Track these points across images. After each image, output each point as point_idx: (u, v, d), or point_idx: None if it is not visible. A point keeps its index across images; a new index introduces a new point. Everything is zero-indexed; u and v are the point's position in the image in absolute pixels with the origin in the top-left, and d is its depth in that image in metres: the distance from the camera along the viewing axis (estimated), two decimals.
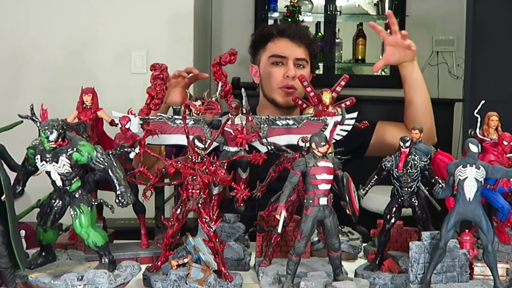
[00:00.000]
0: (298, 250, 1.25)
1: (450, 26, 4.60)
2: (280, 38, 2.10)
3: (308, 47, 2.10)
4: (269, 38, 2.12)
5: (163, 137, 1.55)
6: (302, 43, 2.09)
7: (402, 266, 1.37)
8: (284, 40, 2.09)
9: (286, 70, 2.05)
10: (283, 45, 2.09)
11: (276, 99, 2.08)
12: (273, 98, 2.08)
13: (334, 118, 1.53)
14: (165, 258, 1.32)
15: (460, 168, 1.21)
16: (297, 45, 2.08)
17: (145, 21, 3.28)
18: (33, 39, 3.23)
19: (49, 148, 1.21)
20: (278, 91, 2.07)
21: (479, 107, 1.50)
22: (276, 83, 2.06)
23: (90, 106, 1.52)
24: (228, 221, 1.52)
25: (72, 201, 1.26)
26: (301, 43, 2.08)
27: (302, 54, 2.08)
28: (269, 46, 2.11)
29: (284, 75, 2.05)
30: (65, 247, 1.50)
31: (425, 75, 4.73)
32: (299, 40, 2.08)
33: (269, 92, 2.10)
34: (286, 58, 2.06)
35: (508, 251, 1.39)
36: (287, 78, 2.04)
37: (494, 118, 1.50)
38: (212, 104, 1.43)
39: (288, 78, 2.04)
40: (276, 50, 2.09)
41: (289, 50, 2.07)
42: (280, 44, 2.09)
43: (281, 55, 2.07)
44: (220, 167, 1.30)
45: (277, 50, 2.09)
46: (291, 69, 2.04)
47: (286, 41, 2.09)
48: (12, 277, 1.18)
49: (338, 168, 1.30)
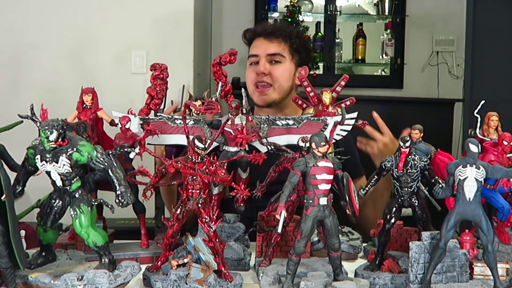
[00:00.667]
0: (298, 250, 1.25)
1: (450, 26, 4.60)
2: (256, 39, 2.15)
3: (284, 41, 2.12)
4: (250, 43, 2.18)
5: (163, 137, 1.55)
6: (276, 38, 2.11)
7: (402, 266, 1.37)
8: (259, 39, 2.14)
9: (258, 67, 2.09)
10: (257, 44, 2.14)
11: (254, 100, 2.12)
12: (252, 99, 2.12)
13: (334, 118, 1.53)
14: (165, 258, 1.32)
15: (460, 168, 1.21)
16: (269, 41, 2.11)
17: (145, 21, 3.28)
18: (33, 39, 3.23)
19: (49, 148, 1.21)
20: (254, 92, 2.11)
21: (479, 107, 1.50)
22: (251, 82, 2.11)
23: (90, 106, 1.52)
24: (228, 221, 1.52)
25: (72, 201, 1.26)
26: (274, 38, 2.11)
27: (275, 49, 2.10)
28: (250, 49, 2.17)
29: (256, 72, 2.08)
30: (65, 247, 1.50)
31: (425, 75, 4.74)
32: (272, 36, 2.11)
33: (250, 94, 2.13)
34: (258, 56, 2.10)
35: (508, 251, 1.39)
36: (258, 75, 2.08)
37: (494, 118, 1.50)
38: (212, 104, 1.43)
39: (259, 75, 2.07)
40: (250, 51, 2.15)
41: (260, 48, 2.11)
42: (255, 45, 2.15)
43: (254, 54, 2.12)
44: (220, 167, 1.30)
45: (251, 50, 2.15)
46: (260, 65, 2.08)
47: (260, 40, 2.13)
48: (12, 277, 1.18)
49: (338, 168, 1.30)
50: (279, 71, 2.09)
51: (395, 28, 4.52)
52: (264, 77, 2.07)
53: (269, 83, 2.08)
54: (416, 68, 4.57)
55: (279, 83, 2.08)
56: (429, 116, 3.83)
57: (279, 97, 2.10)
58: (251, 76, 2.11)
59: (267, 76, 2.07)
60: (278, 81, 2.08)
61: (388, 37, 4.50)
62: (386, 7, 4.54)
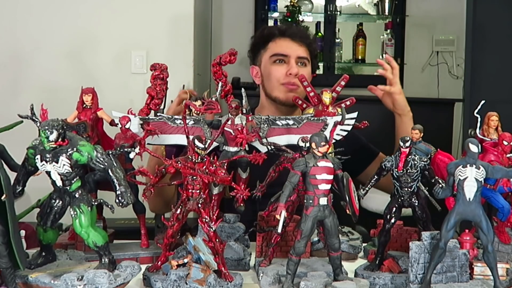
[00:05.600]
0: (298, 250, 1.25)
1: (450, 26, 4.60)
2: (282, 37, 2.12)
3: (308, 47, 2.13)
4: (270, 38, 2.14)
5: (163, 137, 1.55)
6: (303, 43, 2.11)
7: (402, 266, 1.37)
8: (285, 39, 2.11)
9: (289, 67, 2.06)
10: (285, 44, 2.11)
11: (277, 96, 2.09)
12: (274, 96, 2.09)
13: (334, 118, 1.53)
14: (165, 258, 1.32)
15: (460, 168, 1.21)
16: (298, 45, 2.10)
17: (145, 21, 3.28)
18: (33, 39, 3.23)
19: (49, 148, 1.21)
20: (280, 87, 2.08)
21: (479, 107, 1.50)
22: (278, 80, 2.08)
23: (90, 106, 1.52)
24: (228, 221, 1.52)
25: (72, 201, 1.26)
26: (302, 43, 2.11)
27: (304, 53, 2.10)
28: (270, 46, 2.13)
29: (287, 73, 2.06)
30: (65, 247, 1.50)
31: (425, 75, 4.74)
32: (300, 40, 2.11)
33: (271, 90, 2.10)
34: (288, 56, 2.08)
35: (508, 251, 1.39)
36: (289, 75, 2.05)
37: (494, 118, 1.50)
38: (212, 104, 1.43)
39: (290, 76, 2.05)
40: (278, 49, 2.11)
41: (291, 49, 2.09)
42: (282, 44, 2.11)
43: (283, 54, 2.09)
44: (220, 167, 1.30)
45: (278, 49, 2.11)
46: (294, 67, 2.06)
47: (288, 40, 2.11)
48: (12, 277, 1.18)
49: (338, 168, 1.30)
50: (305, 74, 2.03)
51: (395, 28, 4.52)
52: (294, 79, 2.04)
53: (297, 85, 2.03)
54: (416, 68, 4.57)
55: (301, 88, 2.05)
56: (429, 116, 3.82)
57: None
58: (279, 74, 2.07)
59: (296, 78, 2.02)
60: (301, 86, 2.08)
61: (388, 37, 4.50)
62: (386, 7, 4.54)
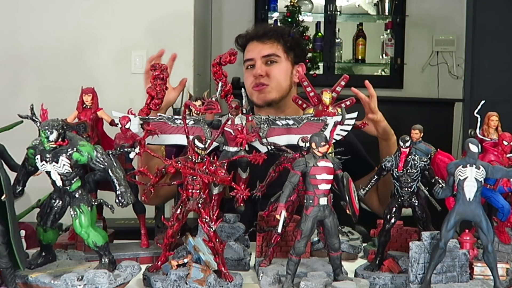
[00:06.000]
0: (298, 250, 1.25)
1: (450, 26, 4.60)
2: (250, 42, 2.16)
3: (277, 41, 2.13)
4: (243, 48, 2.19)
5: (163, 137, 1.55)
6: (269, 39, 2.12)
7: (402, 266, 1.37)
8: (252, 43, 2.15)
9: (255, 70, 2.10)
10: (251, 48, 2.15)
11: (254, 101, 2.13)
12: (252, 100, 2.13)
13: (334, 118, 1.53)
14: (165, 258, 1.32)
15: (460, 168, 1.21)
16: (262, 43, 2.12)
17: (145, 21, 3.28)
18: (33, 39, 3.23)
19: (49, 148, 1.21)
20: (253, 92, 2.12)
21: (479, 107, 1.50)
22: (250, 86, 2.12)
23: (90, 106, 1.52)
24: (228, 221, 1.52)
25: (72, 201, 1.26)
26: (267, 40, 2.12)
27: (269, 50, 2.11)
28: (244, 54, 2.18)
29: (253, 75, 2.10)
30: (65, 247, 1.50)
31: (425, 75, 4.73)
32: (264, 37, 2.12)
33: (250, 96, 2.13)
34: (253, 59, 2.12)
35: (508, 251, 1.39)
36: (255, 78, 2.09)
37: (494, 118, 1.50)
38: (212, 104, 1.43)
39: (256, 78, 2.08)
40: (245, 55, 2.16)
41: (254, 51, 2.12)
42: (249, 48, 2.16)
43: (249, 58, 2.13)
44: (220, 167, 1.30)
45: (246, 55, 2.16)
46: (257, 68, 2.09)
47: (254, 43, 2.15)
48: (12, 277, 1.18)
49: (338, 168, 1.30)
50: (275, 71, 2.10)
51: (395, 28, 4.52)
52: (262, 79, 2.08)
53: (267, 84, 2.09)
54: (416, 68, 4.57)
55: (277, 82, 2.09)
56: (429, 116, 3.83)
57: (278, 96, 2.10)
58: (249, 80, 2.13)
59: (264, 78, 2.09)
60: (276, 80, 2.09)
61: (388, 37, 4.50)
62: (386, 7, 4.54)
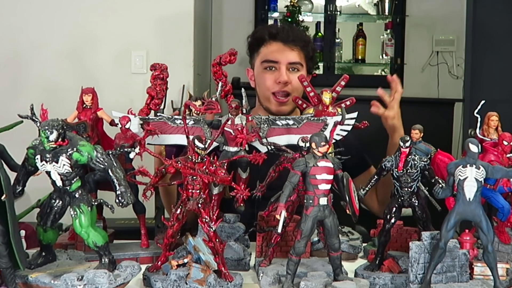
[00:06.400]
0: (298, 250, 1.25)
1: (450, 26, 4.60)
2: (273, 42, 2.05)
3: (302, 50, 2.05)
4: (262, 42, 2.07)
5: (163, 137, 1.55)
6: (296, 46, 2.03)
7: (402, 266, 1.37)
8: (277, 44, 2.04)
9: (279, 75, 2.00)
10: (275, 49, 2.03)
11: (269, 107, 2.04)
12: (266, 106, 2.05)
13: (334, 118, 1.53)
14: (165, 258, 1.32)
15: (460, 168, 1.21)
16: (290, 49, 2.03)
17: (145, 21, 3.28)
18: (33, 39, 3.23)
19: (49, 148, 1.21)
20: (271, 98, 2.02)
21: (479, 107, 1.50)
22: (268, 89, 2.02)
23: (90, 106, 1.52)
24: (228, 221, 1.52)
25: (72, 201, 1.26)
26: (294, 46, 2.03)
27: (296, 58, 2.03)
28: (262, 51, 2.07)
29: (276, 81, 2.00)
30: (65, 247, 1.50)
31: (425, 75, 4.73)
32: (292, 43, 2.03)
33: (263, 100, 2.06)
34: (279, 63, 2.01)
35: (508, 251, 1.39)
36: (279, 83, 2.00)
37: (494, 118, 1.50)
38: (212, 104, 1.43)
39: (280, 84, 1.99)
40: (268, 55, 2.04)
41: (281, 55, 2.01)
42: (273, 49, 2.04)
43: (273, 60, 2.02)
44: (220, 167, 1.30)
45: (269, 55, 2.04)
46: (283, 75, 1.99)
47: (279, 44, 2.04)
48: (12, 277, 1.18)
49: (338, 168, 1.30)
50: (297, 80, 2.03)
51: (395, 28, 4.51)
52: (285, 87, 1.99)
53: (289, 92, 1.99)
54: (416, 68, 4.57)
55: (297, 93, 1.99)
56: (429, 116, 3.83)
57: (292, 108, 2.03)
58: (269, 83, 2.01)
59: (287, 85, 1.99)
60: (296, 89, 2.00)
61: (388, 37, 4.50)
62: (386, 7, 4.54)
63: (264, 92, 2.04)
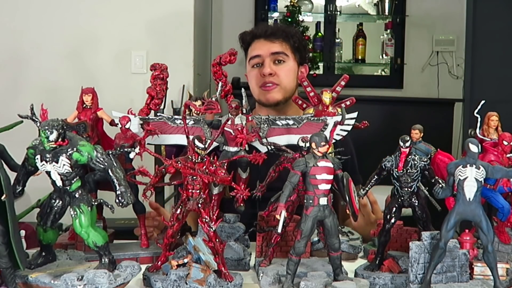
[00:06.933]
0: (298, 250, 1.25)
1: (450, 26, 4.60)
2: (256, 40, 2.13)
3: (285, 40, 2.11)
4: (248, 46, 2.16)
5: (163, 137, 1.55)
6: (277, 39, 2.10)
7: (402, 266, 1.37)
8: (259, 41, 2.12)
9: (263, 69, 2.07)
10: (258, 45, 2.12)
11: (260, 99, 2.10)
12: (258, 99, 2.11)
13: (334, 118, 1.53)
14: (165, 258, 1.32)
15: (460, 168, 1.21)
16: (270, 42, 2.10)
17: (145, 21, 3.29)
18: (33, 39, 3.24)
19: (49, 148, 1.21)
20: (259, 90, 2.09)
21: (479, 107, 1.50)
22: (256, 84, 2.09)
23: (90, 106, 1.52)
24: (228, 221, 1.52)
25: (72, 201, 1.26)
26: (275, 39, 2.10)
27: (278, 48, 2.08)
28: (249, 52, 2.15)
29: (261, 74, 2.06)
30: (65, 247, 1.50)
31: (425, 75, 4.74)
32: (273, 37, 2.10)
33: (255, 95, 2.12)
34: (261, 56, 2.08)
35: (508, 251, 1.39)
36: (264, 76, 2.06)
37: (494, 118, 1.50)
38: (212, 104, 1.43)
39: (264, 77, 2.05)
40: (252, 52, 2.12)
41: (263, 49, 2.09)
42: (256, 46, 2.12)
43: (257, 55, 2.09)
44: (220, 167, 1.30)
45: (253, 52, 2.12)
46: (266, 66, 2.06)
47: (261, 41, 2.12)
48: (12, 277, 1.18)
49: (338, 168, 1.30)
50: (284, 70, 2.07)
51: (395, 28, 4.52)
52: (270, 78, 2.05)
53: (276, 83, 2.05)
54: (416, 68, 4.57)
55: (285, 83, 2.06)
56: (429, 116, 3.83)
57: (283, 97, 2.07)
58: (255, 78, 2.09)
59: (273, 77, 2.05)
60: (284, 80, 2.06)
61: (388, 37, 4.50)
62: (386, 7, 4.54)
63: (254, 88, 2.12)
